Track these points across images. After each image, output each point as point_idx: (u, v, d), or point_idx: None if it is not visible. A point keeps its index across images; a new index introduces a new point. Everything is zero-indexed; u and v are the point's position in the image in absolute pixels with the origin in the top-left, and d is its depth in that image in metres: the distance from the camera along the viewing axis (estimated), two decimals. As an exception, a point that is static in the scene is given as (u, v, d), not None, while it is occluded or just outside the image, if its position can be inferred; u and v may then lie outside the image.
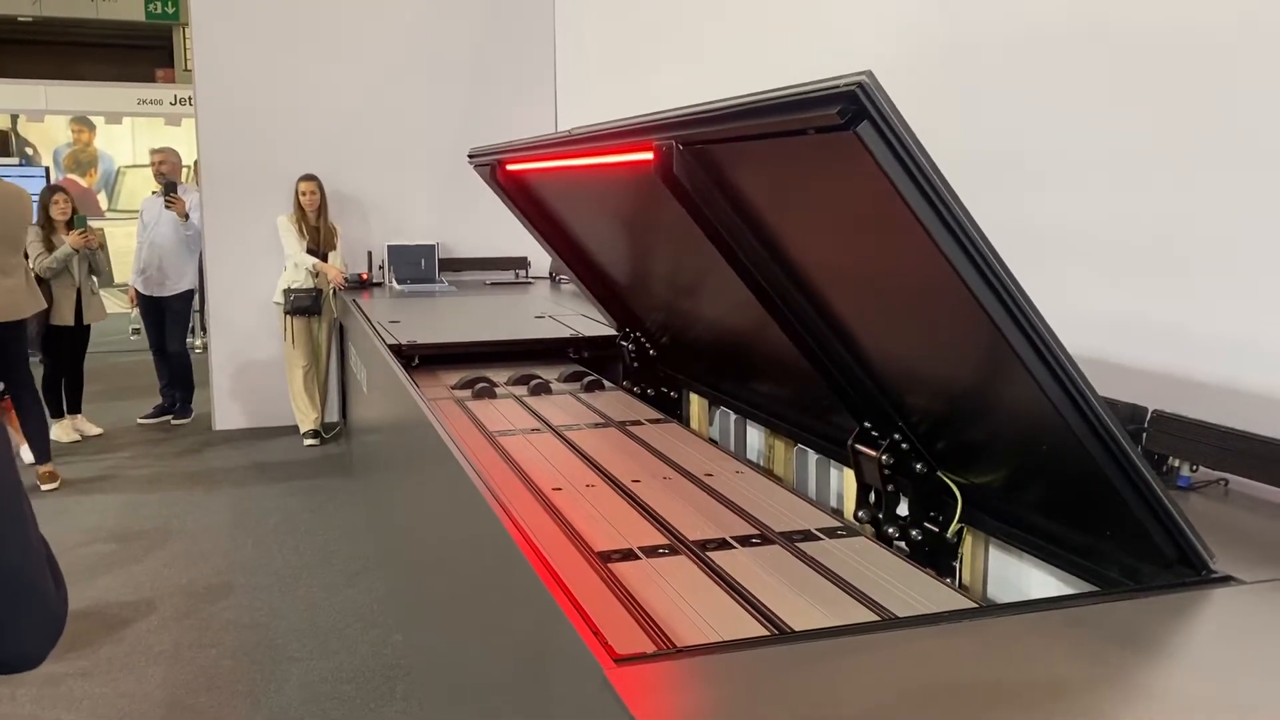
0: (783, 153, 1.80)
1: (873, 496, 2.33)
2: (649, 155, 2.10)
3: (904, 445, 2.18)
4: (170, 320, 7.24)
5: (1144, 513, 1.63)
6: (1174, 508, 1.61)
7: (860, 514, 2.34)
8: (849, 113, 1.45)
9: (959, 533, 2.16)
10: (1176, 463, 2.11)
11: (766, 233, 2.11)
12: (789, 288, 2.16)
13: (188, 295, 7.31)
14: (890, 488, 2.22)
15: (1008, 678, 1.34)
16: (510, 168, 3.33)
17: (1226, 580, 1.62)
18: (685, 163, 2.05)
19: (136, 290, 7.28)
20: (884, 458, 2.18)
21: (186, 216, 7.00)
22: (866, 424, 2.25)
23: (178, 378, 7.38)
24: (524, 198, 3.51)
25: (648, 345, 3.73)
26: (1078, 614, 1.53)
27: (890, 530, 2.25)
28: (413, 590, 3.80)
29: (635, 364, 3.80)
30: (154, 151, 7.56)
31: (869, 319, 2.09)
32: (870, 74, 1.43)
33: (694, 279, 2.96)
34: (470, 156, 3.59)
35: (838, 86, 1.45)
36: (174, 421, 7.37)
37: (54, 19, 17.21)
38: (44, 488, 5.79)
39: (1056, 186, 2.77)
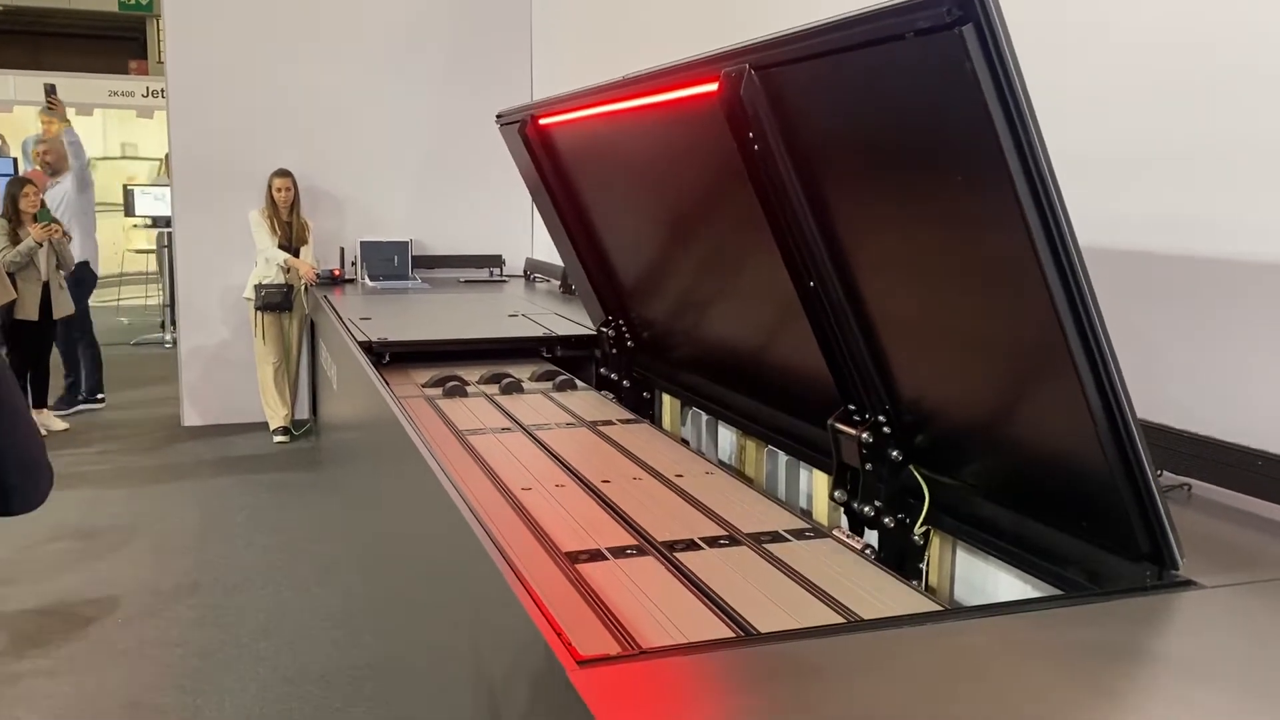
0: (864, 70, 1.73)
1: (849, 482, 2.33)
2: (713, 87, 2.06)
3: (886, 429, 2.17)
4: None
5: (1133, 506, 1.62)
6: (1163, 503, 1.61)
7: (836, 494, 2.34)
8: (956, 14, 1.42)
9: (926, 534, 2.16)
10: (1142, 466, 2.12)
11: (814, 182, 2.04)
12: (820, 250, 2.10)
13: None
14: (869, 467, 2.22)
15: (972, 681, 1.35)
16: (543, 122, 3.28)
17: (1188, 584, 1.63)
18: (753, 90, 1.99)
19: None
20: (864, 435, 2.18)
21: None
22: (850, 406, 2.25)
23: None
24: (542, 163, 3.45)
25: (628, 336, 3.71)
26: (1042, 617, 1.54)
27: (866, 510, 2.24)
28: (381, 590, 3.78)
29: (614, 351, 3.76)
30: (39, 142, 7.73)
31: (897, 290, 2.03)
32: None
33: (699, 265, 2.92)
34: (498, 117, 3.57)
35: None
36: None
37: (25, 8, 17.02)
38: None
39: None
